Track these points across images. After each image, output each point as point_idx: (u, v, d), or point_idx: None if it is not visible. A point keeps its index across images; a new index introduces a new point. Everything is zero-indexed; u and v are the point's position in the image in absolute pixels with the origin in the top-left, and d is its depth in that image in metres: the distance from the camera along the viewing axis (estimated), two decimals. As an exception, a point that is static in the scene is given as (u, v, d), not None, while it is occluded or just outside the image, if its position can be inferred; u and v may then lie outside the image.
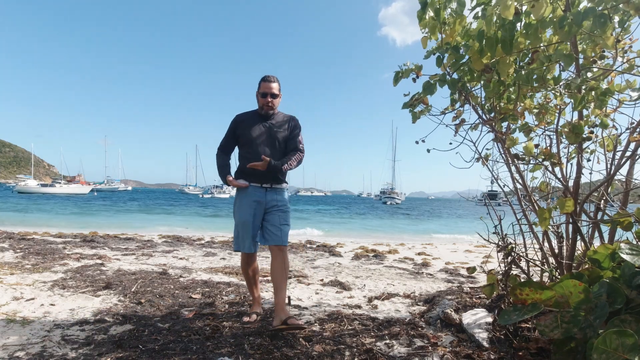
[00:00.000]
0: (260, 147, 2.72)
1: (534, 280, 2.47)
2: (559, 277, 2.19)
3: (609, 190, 2.25)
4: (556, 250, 2.45)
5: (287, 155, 2.79)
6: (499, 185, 2.71)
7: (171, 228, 13.87)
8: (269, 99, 2.75)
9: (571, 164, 2.27)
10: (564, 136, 2.16)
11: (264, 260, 5.70)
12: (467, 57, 2.23)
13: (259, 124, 2.77)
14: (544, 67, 2.05)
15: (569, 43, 1.97)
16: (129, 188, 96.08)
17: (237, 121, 2.84)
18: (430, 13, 2.17)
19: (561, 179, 2.27)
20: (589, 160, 2.28)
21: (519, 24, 1.98)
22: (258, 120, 2.79)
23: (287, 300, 3.20)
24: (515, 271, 2.67)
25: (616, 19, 1.75)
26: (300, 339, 2.44)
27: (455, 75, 2.37)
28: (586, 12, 1.63)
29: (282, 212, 2.76)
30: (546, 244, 2.55)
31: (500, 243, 2.58)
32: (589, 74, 2.02)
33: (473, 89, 2.51)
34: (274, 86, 2.77)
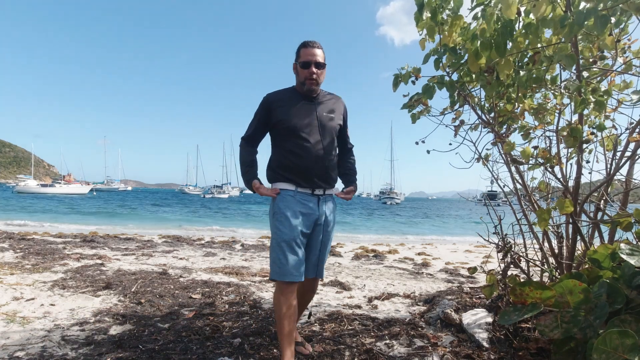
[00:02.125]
0: (312, 137, 2.02)
1: (534, 280, 2.47)
2: (559, 277, 2.19)
3: (609, 190, 2.25)
4: (556, 250, 2.45)
5: (346, 164, 2.26)
6: (498, 185, 2.71)
7: (171, 229, 13.88)
8: (314, 70, 2.02)
9: (571, 164, 2.27)
10: (562, 137, 2.16)
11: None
12: (466, 57, 2.24)
13: (303, 105, 2.07)
14: (544, 68, 2.05)
15: (569, 43, 1.97)
16: (129, 188, 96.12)
17: (270, 101, 2.08)
18: (427, 14, 2.17)
19: (561, 179, 2.27)
20: (588, 161, 2.28)
21: (518, 24, 1.99)
22: (300, 101, 2.08)
23: (308, 317, 2.94)
24: (515, 271, 2.67)
25: (613, 20, 1.75)
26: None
27: (454, 76, 2.37)
28: (588, 12, 1.63)
29: (331, 234, 2.16)
30: (546, 244, 2.55)
31: (500, 243, 2.58)
32: (586, 74, 2.02)
33: (472, 90, 2.51)
34: (319, 53, 2.05)
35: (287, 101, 2.07)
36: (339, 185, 2.22)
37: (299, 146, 2.00)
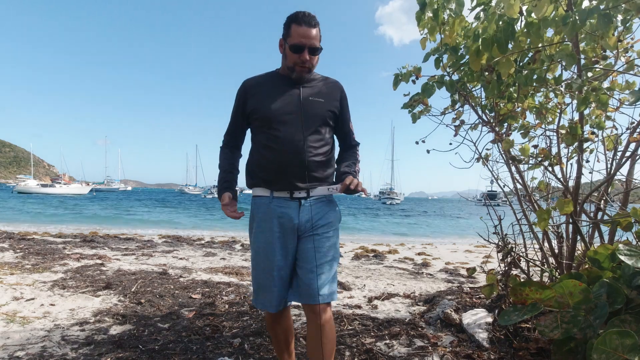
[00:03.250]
0: (289, 125, 1.62)
1: (534, 280, 2.47)
2: (559, 277, 2.19)
3: (609, 190, 2.25)
4: (556, 251, 2.45)
5: (346, 158, 1.80)
6: (499, 185, 2.71)
7: (172, 228, 13.88)
8: (307, 57, 1.61)
9: (571, 164, 2.27)
10: (562, 136, 2.16)
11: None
12: (466, 57, 2.24)
13: (283, 89, 1.67)
14: (545, 67, 2.05)
15: (570, 42, 1.97)
16: (129, 188, 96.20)
17: (247, 88, 1.71)
18: (429, 14, 2.17)
19: (561, 179, 2.27)
20: (587, 161, 2.28)
21: (519, 24, 1.99)
22: (283, 86, 1.68)
23: None
24: (515, 271, 2.67)
25: (619, 17, 1.75)
26: (301, 339, 2.44)
27: (455, 76, 2.37)
28: (591, 11, 1.64)
29: (325, 237, 1.66)
30: (546, 244, 2.55)
31: (500, 243, 2.58)
32: (590, 74, 2.02)
33: (473, 89, 2.51)
34: (314, 34, 1.60)
35: (268, 86, 1.69)
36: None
37: (272, 138, 1.61)
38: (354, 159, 1.79)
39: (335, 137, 1.82)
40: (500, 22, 1.94)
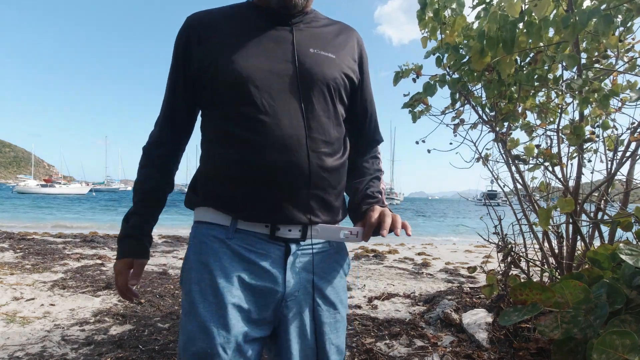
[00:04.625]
0: (278, 99, 0.87)
1: (534, 280, 2.47)
2: (559, 277, 2.19)
3: (610, 190, 2.25)
4: (556, 251, 2.45)
5: (366, 167, 1.07)
6: (499, 185, 2.71)
7: (172, 228, 13.87)
8: None
9: (571, 164, 2.27)
10: (564, 136, 2.16)
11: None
12: (467, 57, 2.24)
13: (265, 33, 0.91)
14: (546, 67, 2.05)
15: (570, 42, 1.97)
16: (129, 188, 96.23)
17: (194, 26, 0.93)
18: (430, 13, 2.17)
19: (561, 179, 2.27)
20: (589, 160, 2.28)
21: (520, 23, 1.98)
22: (260, 23, 0.93)
23: None
24: (515, 271, 2.67)
25: (619, 18, 1.75)
26: None
27: (455, 75, 2.37)
28: (592, 12, 1.63)
29: (331, 325, 0.93)
30: (546, 244, 2.54)
31: (500, 243, 2.58)
32: (590, 74, 2.02)
33: (474, 89, 2.51)
34: None
35: (230, 25, 0.92)
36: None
37: (243, 121, 0.86)
38: (378, 170, 1.06)
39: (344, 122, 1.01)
40: (504, 22, 1.93)
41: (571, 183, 2.23)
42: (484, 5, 2.02)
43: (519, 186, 2.60)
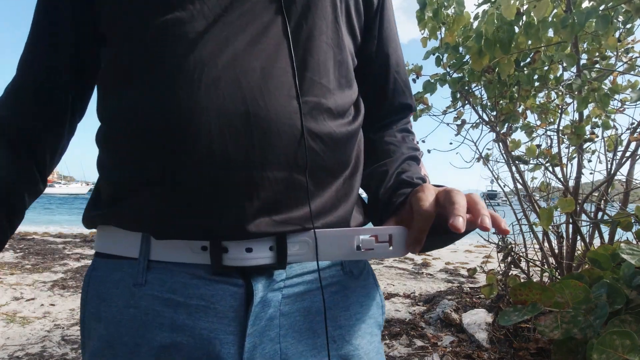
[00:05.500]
0: (241, 57, 0.43)
1: (534, 280, 2.47)
2: (559, 277, 2.19)
3: (609, 190, 2.25)
4: (556, 251, 2.45)
5: (395, 142, 0.61)
6: (499, 185, 2.71)
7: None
8: None
9: (571, 164, 2.27)
10: (565, 136, 2.16)
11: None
12: (467, 57, 2.24)
13: None
14: (546, 67, 2.05)
15: (569, 42, 1.97)
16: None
17: None
18: (429, 13, 2.17)
19: (561, 179, 2.27)
20: (589, 161, 2.28)
21: (519, 24, 1.99)
22: None
23: None
24: (515, 271, 2.67)
25: (620, 18, 1.75)
26: None
27: (456, 75, 2.37)
28: (590, 13, 1.63)
29: None
30: (546, 244, 2.55)
31: (500, 243, 2.58)
32: (592, 74, 2.02)
33: (474, 89, 2.51)
34: None
35: None
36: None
37: (171, 69, 0.43)
38: (414, 149, 0.63)
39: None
40: (501, 23, 1.93)
41: (571, 183, 2.23)
42: (489, 5, 2.01)
43: (519, 186, 2.60)
